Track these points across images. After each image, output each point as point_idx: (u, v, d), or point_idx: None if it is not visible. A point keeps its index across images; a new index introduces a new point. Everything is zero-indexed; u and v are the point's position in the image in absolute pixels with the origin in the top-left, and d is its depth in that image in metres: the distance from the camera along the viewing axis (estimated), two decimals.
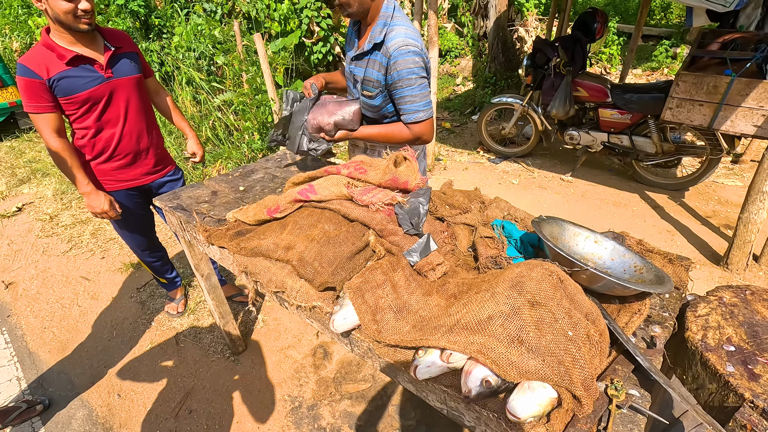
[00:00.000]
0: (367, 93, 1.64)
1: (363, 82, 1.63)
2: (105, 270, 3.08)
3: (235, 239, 1.45)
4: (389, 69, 1.52)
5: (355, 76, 1.67)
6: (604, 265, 1.19)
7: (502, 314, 0.83)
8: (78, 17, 1.68)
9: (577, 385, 0.78)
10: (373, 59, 1.56)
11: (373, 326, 1.00)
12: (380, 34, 1.52)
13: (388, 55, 1.50)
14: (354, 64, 1.65)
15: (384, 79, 1.56)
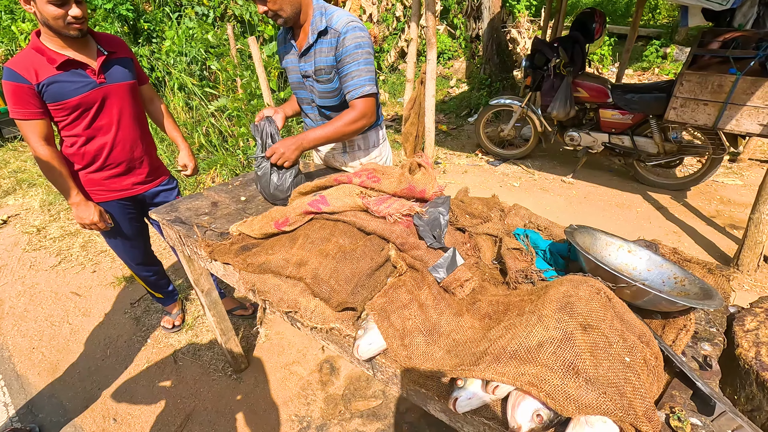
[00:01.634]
0: (323, 80, 1.66)
1: (315, 73, 1.65)
2: (96, 284, 2.95)
3: (240, 255, 1.35)
4: (338, 47, 1.55)
5: (305, 73, 1.69)
6: (640, 277, 1.12)
7: (553, 340, 0.75)
8: (69, 23, 1.58)
9: (642, 419, 0.69)
10: (320, 48, 1.60)
11: (402, 352, 0.91)
12: (321, 22, 1.56)
13: (337, 34, 1.54)
14: (302, 61, 1.68)
15: (335, 58, 1.59)
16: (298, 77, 1.75)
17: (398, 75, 7.93)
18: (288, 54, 1.76)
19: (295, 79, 1.78)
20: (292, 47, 1.71)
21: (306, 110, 1.88)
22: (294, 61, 1.73)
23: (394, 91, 7.33)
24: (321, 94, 1.71)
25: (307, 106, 1.85)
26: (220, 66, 3.64)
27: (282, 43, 1.79)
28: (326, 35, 1.57)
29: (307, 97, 1.80)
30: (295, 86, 1.81)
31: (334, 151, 1.97)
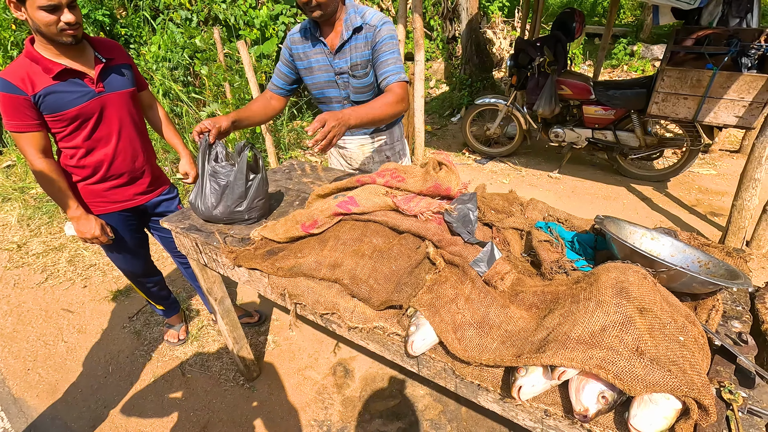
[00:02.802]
0: (359, 75, 1.70)
1: (352, 69, 1.69)
2: (89, 300, 2.84)
3: (268, 259, 1.34)
4: (374, 39, 1.63)
5: (339, 70, 1.71)
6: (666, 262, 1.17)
7: (615, 324, 0.78)
8: (62, 30, 1.52)
9: (703, 392, 0.74)
10: (356, 44, 1.66)
11: (458, 345, 0.93)
12: (356, 19, 1.63)
13: (373, 28, 1.62)
14: (336, 59, 1.70)
15: (372, 52, 1.66)
16: (329, 75, 1.74)
17: None
18: (314, 52, 1.74)
19: (323, 78, 1.77)
20: (321, 45, 1.70)
21: (333, 108, 1.86)
22: (323, 60, 1.72)
23: None
24: (357, 90, 1.74)
25: (336, 105, 1.84)
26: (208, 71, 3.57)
27: (300, 42, 1.76)
28: (361, 31, 1.63)
29: (338, 96, 1.80)
30: (322, 85, 1.79)
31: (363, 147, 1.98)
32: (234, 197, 1.52)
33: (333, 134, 1.30)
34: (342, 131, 1.34)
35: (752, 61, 3.01)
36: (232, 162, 1.57)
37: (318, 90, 1.83)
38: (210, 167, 1.53)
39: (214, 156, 1.56)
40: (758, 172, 2.56)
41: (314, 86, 1.82)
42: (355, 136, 1.97)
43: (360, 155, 2.03)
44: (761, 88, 2.82)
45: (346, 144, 2.01)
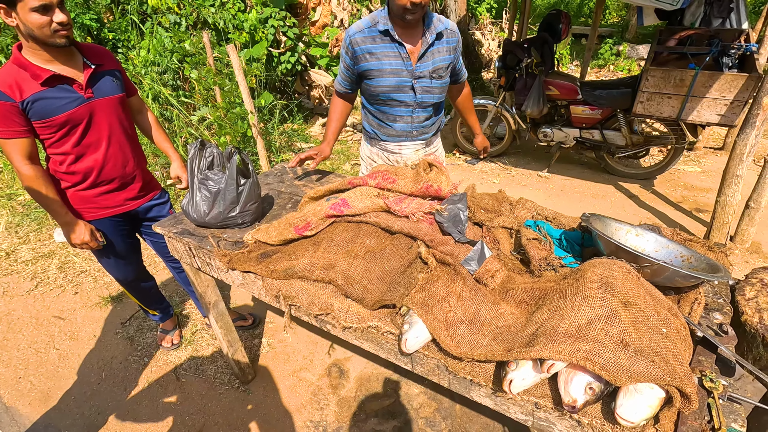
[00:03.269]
0: (440, 78, 1.77)
1: (433, 72, 1.73)
2: (81, 306, 2.82)
3: (262, 262, 1.36)
4: (457, 45, 1.76)
5: (420, 74, 1.72)
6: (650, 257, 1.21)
7: (600, 318, 0.81)
8: (55, 31, 1.52)
9: (685, 381, 0.77)
10: (438, 48, 1.70)
11: (450, 342, 0.95)
12: (439, 24, 1.69)
13: (455, 33, 1.74)
14: (419, 63, 1.70)
15: (453, 57, 1.76)
16: (405, 80, 1.71)
17: None
18: (388, 55, 1.68)
19: (394, 82, 1.72)
20: (400, 48, 1.66)
21: (398, 113, 1.83)
22: (399, 63, 1.68)
23: None
24: (436, 92, 1.80)
25: (403, 109, 1.81)
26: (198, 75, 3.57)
27: (366, 43, 1.67)
28: (442, 37, 1.70)
29: (410, 100, 1.78)
30: (392, 89, 1.74)
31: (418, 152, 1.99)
32: (226, 203, 1.53)
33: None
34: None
35: (733, 60, 3.09)
36: (221, 168, 1.59)
37: (385, 93, 1.76)
38: (201, 174, 1.55)
39: (208, 162, 1.57)
40: (740, 168, 2.62)
41: (381, 89, 1.75)
42: (414, 141, 1.95)
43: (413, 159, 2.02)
44: (741, 86, 2.90)
45: (402, 150, 1.97)
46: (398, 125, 1.88)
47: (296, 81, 5.75)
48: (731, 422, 0.81)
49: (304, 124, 5.80)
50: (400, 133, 1.90)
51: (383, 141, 1.95)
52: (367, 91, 1.83)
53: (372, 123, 1.95)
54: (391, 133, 1.91)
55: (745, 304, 1.12)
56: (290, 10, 5.13)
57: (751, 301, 1.13)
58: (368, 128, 1.99)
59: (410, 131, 1.90)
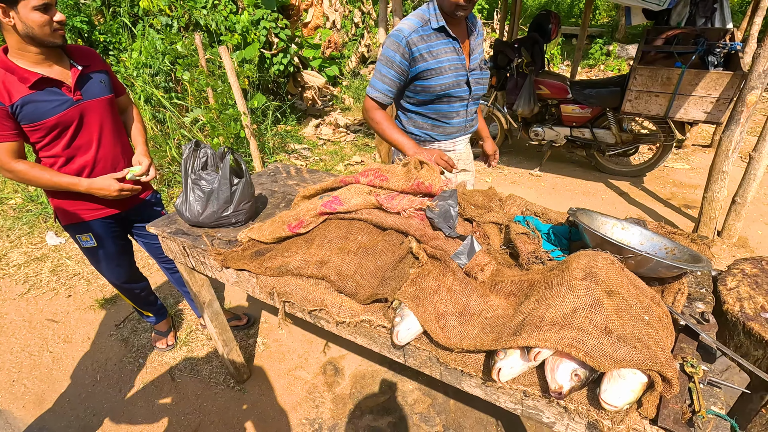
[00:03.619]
0: (486, 68, 1.80)
1: (482, 63, 1.77)
2: (74, 309, 2.81)
3: (255, 260, 1.37)
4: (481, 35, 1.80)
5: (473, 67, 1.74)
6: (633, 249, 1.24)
7: (585, 306, 0.84)
8: (55, 30, 1.54)
9: (666, 366, 0.80)
10: (479, 40, 1.78)
11: (441, 333, 0.97)
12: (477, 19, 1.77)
13: (482, 28, 1.80)
14: (474, 54, 1.75)
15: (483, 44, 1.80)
16: (461, 74, 1.69)
17: (360, 80, 8.01)
18: (445, 51, 1.64)
19: (451, 78, 1.67)
20: (455, 43, 1.65)
21: (454, 109, 1.78)
22: (455, 58, 1.66)
23: (358, 95, 7.41)
24: (485, 83, 1.81)
25: (458, 104, 1.77)
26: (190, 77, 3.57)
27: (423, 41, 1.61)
28: (478, 28, 1.77)
29: (465, 95, 1.75)
30: (450, 85, 1.69)
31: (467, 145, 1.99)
32: (220, 202, 1.54)
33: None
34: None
35: (718, 59, 3.15)
36: (215, 168, 1.60)
37: (443, 90, 1.70)
38: (194, 175, 1.56)
39: (201, 163, 1.59)
40: (726, 164, 2.68)
41: (441, 87, 1.69)
42: (465, 135, 1.92)
43: (466, 153, 2.00)
44: (727, 84, 2.96)
45: (456, 146, 1.92)
46: (455, 121, 1.83)
47: (289, 82, 5.76)
48: (711, 405, 0.84)
49: (298, 125, 5.81)
50: (456, 129, 1.86)
51: (438, 141, 1.87)
52: (419, 94, 1.73)
53: (424, 125, 1.84)
54: (448, 131, 1.85)
55: (727, 293, 1.16)
56: (282, 11, 5.14)
57: (732, 290, 1.17)
58: (418, 132, 1.87)
59: (464, 125, 1.87)
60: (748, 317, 1.07)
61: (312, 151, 5.11)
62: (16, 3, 1.43)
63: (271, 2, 4.79)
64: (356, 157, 4.95)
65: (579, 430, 0.91)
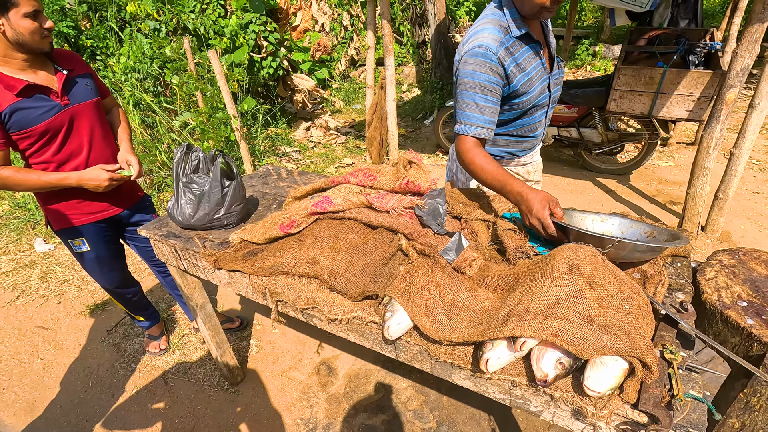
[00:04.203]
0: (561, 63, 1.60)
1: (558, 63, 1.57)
2: (64, 316, 2.79)
3: (248, 260, 1.39)
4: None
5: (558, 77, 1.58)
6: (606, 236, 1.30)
7: (567, 296, 0.87)
8: (44, 37, 1.55)
9: (646, 353, 0.83)
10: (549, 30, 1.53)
11: (430, 327, 1.00)
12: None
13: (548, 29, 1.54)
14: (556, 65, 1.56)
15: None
16: (545, 79, 1.51)
17: (350, 82, 8.04)
18: (529, 58, 1.43)
19: (539, 86, 1.48)
20: (537, 48, 1.45)
21: (537, 119, 1.58)
22: (539, 64, 1.46)
23: (348, 98, 7.43)
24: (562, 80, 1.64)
25: (540, 112, 1.57)
26: (179, 82, 3.57)
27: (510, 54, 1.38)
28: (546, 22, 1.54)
29: (546, 100, 1.55)
30: (537, 94, 1.49)
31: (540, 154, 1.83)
32: (211, 205, 1.55)
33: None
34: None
35: (699, 58, 3.23)
36: (205, 171, 1.61)
37: (531, 103, 1.50)
38: (186, 178, 1.57)
39: (193, 166, 1.60)
40: (708, 161, 2.75)
41: (528, 101, 1.48)
42: (540, 143, 1.76)
43: (539, 163, 1.86)
44: (707, 83, 3.03)
45: (533, 157, 1.78)
46: (539, 132, 1.64)
47: (279, 85, 5.77)
48: (689, 389, 0.88)
49: (288, 128, 5.82)
50: (537, 141, 1.69)
51: (519, 157, 1.71)
52: (503, 113, 1.52)
53: (505, 143, 1.65)
54: (531, 144, 1.67)
55: (706, 283, 1.20)
56: (271, 15, 5.15)
57: (710, 281, 1.21)
58: (498, 152, 1.68)
59: (542, 134, 1.71)
60: (726, 306, 1.11)
61: (303, 154, 5.12)
62: (7, 10, 1.44)
63: (259, 6, 4.80)
64: (347, 159, 4.97)
65: (565, 417, 0.94)
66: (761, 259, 1.26)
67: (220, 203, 1.57)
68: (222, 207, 1.57)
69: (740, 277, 1.21)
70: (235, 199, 1.60)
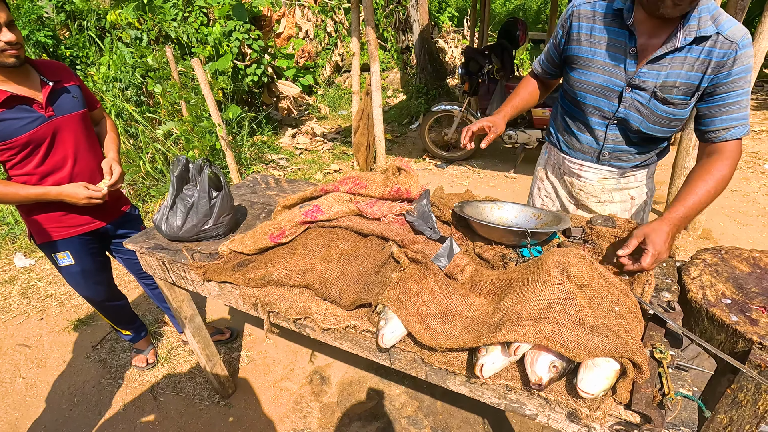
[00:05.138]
0: (672, 102, 1.23)
1: (662, 90, 1.23)
2: (47, 332, 2.71)
3: (238, 271, 1.37)
4: (726, 64, 1.14)
5: (639, 84, 1.25)
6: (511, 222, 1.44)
7: (559, 300, 0.88)
8: (2, 50, 1.50)
9: (636, 353, 0.84)
10: (688, 57, 1.17)
11: (424, 334, 1.00)
12: (708, 23, 1.13)
13: (731, 45, 1.12)
14: (644, 67, 1.23)
15: (708, 78, 1.17)
16: (615, 83, 1.28)
17: (335, 89, 8.05)
18: (609, 44, 1.25)
19: (599, 81, 1.30)
20: (625, 38, 1.22)
21: (590, 122, 1.40)
22: (619, 59, 1.25)
23: (334, 104, 7.44)
24: (657, 119, 1.27)
25: (597, 119, 1.38)
26: (162, 90, 3.52)
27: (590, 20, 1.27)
28: (705, 43, 1.15)
29: (609, 111, 1.34)
30: (593, 89, 1.32)
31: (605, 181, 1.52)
32: (199, 216, 1.54)
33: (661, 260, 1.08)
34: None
35: None
36: (194, 183, 1.60)
37: (583, 92, 1.35)
38: (173, 189, 1.55)
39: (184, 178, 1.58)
40: (687, 160, 2.82)
41: (581, 85, 1.34)
42: (602, 166, 1.49)
43: (597, 190, 1.56)
44: None
45: (582, 172, 1.54)
46: (585, 137, 1.45)
47: (264, 93, 5.74)
48: (679, 387, 0.89)
49: (274, 135, 5.79)
50: (583, 148, 1.48)
51: (563, 153, 1.58)
52: (566, 83, 1.42)
53: (559, 126, 1.55)
54: (574, 145, 1.50)
55: (691, 282, 1.23)
56: (254, 22, 5.14)
57: (695, 279, 1.24)
58: (552, 131, 1.60)
59: (597, 150, 1.44)
60: (711, 303, 1.14)
61: (289, 161, 5.10)
62: None
63: (242, 14, 4.79)
64: (334, 165, 4.97)
65: (560, 419, 0.95)
66: (742, 256, 1.29)
67: (209, 214, 1.55)
68: (210, 218, 1.55)
69: (723, 275, 1.24)
70: (223, 209, 1.58)
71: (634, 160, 1.45)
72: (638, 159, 1.45)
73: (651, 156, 1.47)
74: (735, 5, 2.36)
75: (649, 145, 1.41)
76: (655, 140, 1.39)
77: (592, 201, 1.59)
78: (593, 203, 1.60)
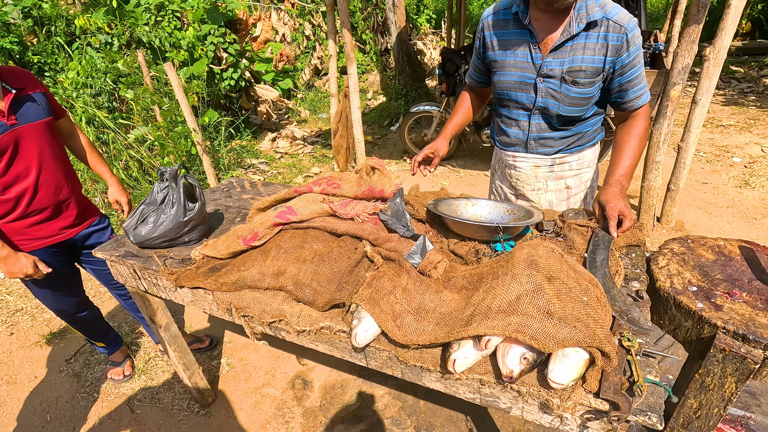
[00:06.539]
0: (581, 84, 1.37)
1: (569, 74, 1.36)
2: (18, 347, 2.61)
3: (210, 276, 1.35)
4: (623, 47, 1.30)
5: (548, 72, 1.39)
6: (485, 218, 1.47)
7: (528, 293, 0.89)
8: None
9: (604, 342, 0.86)
10: (586, 42, 1.32)
11: (397, 332, 1.00)
12: (595, 9, 1.29)
13: (620, 29, 1.28)
14: (548, 57, 1.37)
15: (610, 61, 1.32)
16: (527, 77, 1.42)
17: (315, 92, 8.02)
18: (514, 44, 1.40)
19: (514, 78, 1.44)
20: (527, 35, 1.37)
21: (514, 116, 1.55)
22: (526, 56, 1.39)
23: (314, 107, 7.41)
24: (571, 101, 1.41)
25: (520, 112, 1.53)
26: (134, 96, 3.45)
27: (497, 27, 1.43)
28: (595, 27, 1.30)
29: (529, 103, 1.48)
30: (511, 86, 1.47)
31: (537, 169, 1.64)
32: (173, 227, 1.50)
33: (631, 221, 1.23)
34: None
35: (644, 58, 3.41)
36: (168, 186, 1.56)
37: (504, 90, 1.50)
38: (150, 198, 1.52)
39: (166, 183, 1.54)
40: (658, 155, 2.89)
41: (502, 85, 1.50)
42: (531, 154, 1.61)
43: (531, 178, 1.67)
44: (653, 82, 3.20)
45: (516, 162, 1.66)
46: (512, 131, 1.59)
47: (241, 97, 5.68)
48: (647, 374, 0.91)
49: (253, 139, 5.73)
50: (513, 141, 1.62)
51: (501, 149, 1.71)
52: (493, 88, 1.57)
53: (496, 126, 1.70)
54: (504, 140, 1.65)
55: (659, 271, 1.26)
56: (230, 26, 5.08)
57: (663, 269, 1.26)
58: (491, 132, 1.76)
59: (524, 140, 1.58)
60: (678, 291, 1.17)
61: (270, 165, 5.05)
62: None
63: (217, 17, 4.73)
64: (315, 169, 4.94)
65: (533, 411, 0.95)
66: (708, 245, 1.33)
67: (183, 225, 1.52)
68: (184, 229, 1.53)
69: (690, 263, 1.27)
70: (198, 220, 1.55)
71: (558, 144, 1.56)
72: (562, 143, 1.56)
73: (574, 138, 1.56)
74: (697, 3, 2.43)
75: (568, 127, 1.53)
76: (572, 121, 1.51)
77: (527, 189, 1.71)
78: (528, 191, 1.71)
